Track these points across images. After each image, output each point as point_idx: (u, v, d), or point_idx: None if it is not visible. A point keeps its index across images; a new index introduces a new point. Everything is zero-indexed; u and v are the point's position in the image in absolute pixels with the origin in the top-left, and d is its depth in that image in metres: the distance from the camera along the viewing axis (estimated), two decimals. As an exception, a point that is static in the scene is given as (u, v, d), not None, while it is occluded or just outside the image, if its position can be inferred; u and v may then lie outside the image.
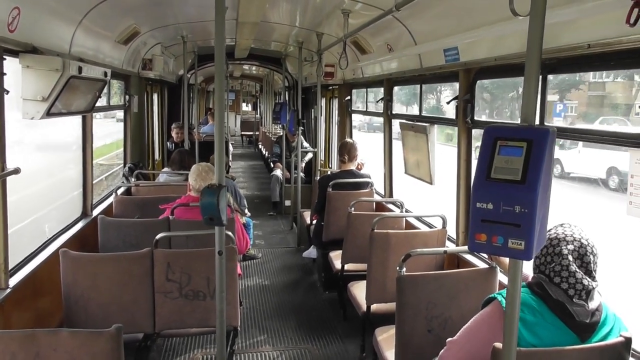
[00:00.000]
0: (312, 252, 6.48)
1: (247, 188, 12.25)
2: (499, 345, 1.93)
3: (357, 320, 4.36)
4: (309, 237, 6.66)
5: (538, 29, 1.67)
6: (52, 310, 3.70)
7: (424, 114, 4.98)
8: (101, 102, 5.32)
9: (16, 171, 3.12)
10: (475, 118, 3.89)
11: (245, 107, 30.82)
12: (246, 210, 5.90)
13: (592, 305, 2.07)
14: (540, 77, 2.80)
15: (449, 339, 2.32)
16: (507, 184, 1.63)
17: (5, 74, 3.04)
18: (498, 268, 3.07)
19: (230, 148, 13.96)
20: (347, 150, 5.67)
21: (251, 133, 23.41)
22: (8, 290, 3.18)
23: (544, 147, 1.63)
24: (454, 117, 4.10)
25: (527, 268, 2.34)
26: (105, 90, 5.09)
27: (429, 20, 4.06)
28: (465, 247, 3.81)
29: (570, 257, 2.09)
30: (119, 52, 5.54)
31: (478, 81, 3.86)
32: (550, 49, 2.69)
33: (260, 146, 18.53)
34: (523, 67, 1.71)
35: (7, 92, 3.05)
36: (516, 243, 1.61)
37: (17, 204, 5.27)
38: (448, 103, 4.10)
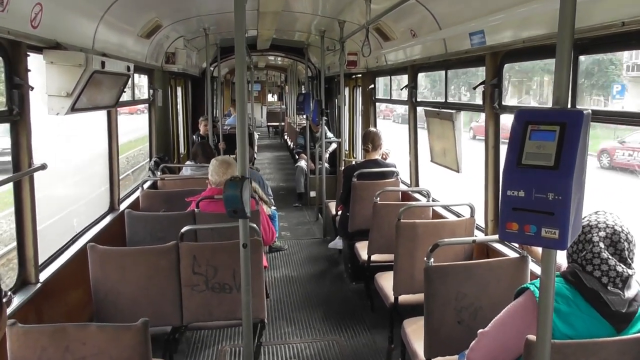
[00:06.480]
0: (338, 242, 6.45)
1: (273, 179, 12.27)
2: (532, 337, 1.86)
3: (385, 312, 4.31)
4: (334, 227, 6.62)
5: (569, 6, 1.59)
6: (82, 305, 3.76)
7: (449, 100, 4.87)
8: (126, 97, 5.37)
9: (43, 167, 3.15)
10: (504, 103, 3.78)
11: (271, 98, 30.86)
12: (272, 200, 5.90)
13: (629, 294, 1.98)
14: (572, 58, 2.70)
15: (480, 330, 2.26)
16: (540, 170, 1.56)
17: (29, 70, 3.06)
18: (530, 257, 2.98)
19: (256, 139, 13.99)
20: (370, 139, 5.59)
21: (277, 124, 23.45)
22: (39, 285, 3.23)
23: (578, 130, 1.55)
24: (480, 102, 3.99)
25: (561, 257, 2.25)
26: (129, 85, 5.13)
27: (453, 2, 3.95)
28: (495, 236, 3.71)
29: (601, 244, 2.00)
30: (141, 46, 5.56)
31: (505, 65, 3.74)
32: (582, 29, 2.58)
33: (285, 137, 18.54)
34: (553, 48, 1.62)
35: (32, 88, 3.07)
36: (550, 232, 1.54)
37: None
38: (474, 88, 3.99)
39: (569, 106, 1.65)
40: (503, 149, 3.79)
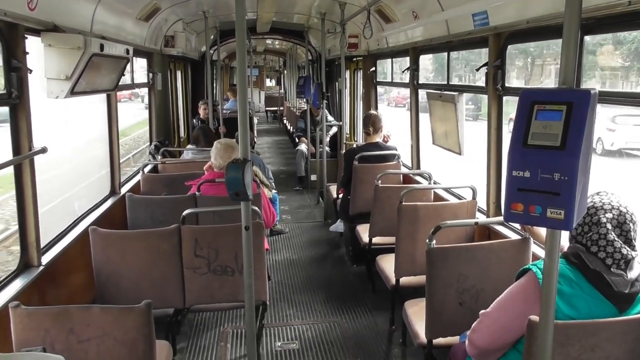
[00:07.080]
0: (339, 225, 6.46)
1: (273, 163, 12.25)
2: (535, 317, 1.87)
3: (386, 294, 4.33)
4: (335, 211, 6.62)
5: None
6: (85, 287, 3.77)
7: (451, 82, 4.84)
8: (125, 80, 5.33)
9: (43, 150, 3.14)
10: (507, 85, 3.75)
11: (270, 83, 30.71)
12: (272, 183, 5.89)
13: (632, 274, 1.99)
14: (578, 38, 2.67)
15: (482, 311, 2.27)
16: (546, 150, 1.55)
17: (28, 53, 3.03)
18: (532, 239, 2.98)
19: (255, 123, 13.93)
20: (371, 122, 5.57)
21: (276, 108, 23.37)
22: (41, 268, 3.24)
23: (585, 110, 1.53)
24: (483, 84, 3.96)
25: (562, 238, 2.25)
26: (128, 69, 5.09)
27: (456, -17, 3.91)
28: (497, 218, 3.72)
29: (608, 226, 2.00)
30: (140, 29, 5.50)
31: (509, 46, 3.70)
32: (587, 8, 2.53)
33: (285, 121, 18.47)
34: (558, 28, 1.62)
35: (31, 71, 3.04)
36: (555, 212, 1.53)
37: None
38: (477, 70, 3.96)
39: (574, 86, 1.63)
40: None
